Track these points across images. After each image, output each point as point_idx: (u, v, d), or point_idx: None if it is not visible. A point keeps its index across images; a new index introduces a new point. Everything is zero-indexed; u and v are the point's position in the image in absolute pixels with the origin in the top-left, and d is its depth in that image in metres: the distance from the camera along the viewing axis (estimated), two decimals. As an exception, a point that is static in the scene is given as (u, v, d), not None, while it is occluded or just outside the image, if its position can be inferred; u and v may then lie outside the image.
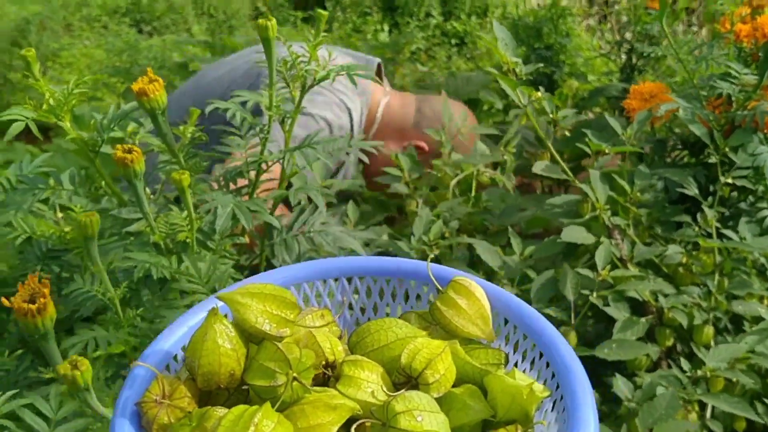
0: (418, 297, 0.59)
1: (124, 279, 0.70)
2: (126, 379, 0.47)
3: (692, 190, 1.10)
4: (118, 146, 0.66)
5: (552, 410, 0.48)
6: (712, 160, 1.10)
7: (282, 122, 0.84)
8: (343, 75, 0.83)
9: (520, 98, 1.00)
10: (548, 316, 1.00)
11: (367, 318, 0.60)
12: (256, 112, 0.87)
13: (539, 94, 0.99)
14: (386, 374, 0.49)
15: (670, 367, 1.04)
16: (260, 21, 0.72)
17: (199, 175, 0.85)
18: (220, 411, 0.44)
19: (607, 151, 1.04)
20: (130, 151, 0.66)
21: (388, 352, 0.50)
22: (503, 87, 1.03)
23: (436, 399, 0.47)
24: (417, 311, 0.57)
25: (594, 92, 2.91)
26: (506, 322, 0.55)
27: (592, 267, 0.97)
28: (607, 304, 1.02)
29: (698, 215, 1.14)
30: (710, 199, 1.12)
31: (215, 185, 0.82)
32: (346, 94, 1.47)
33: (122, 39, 4.24)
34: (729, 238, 1.10)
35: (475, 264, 1.13)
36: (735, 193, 1.24)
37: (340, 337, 0.54)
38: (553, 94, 2.93)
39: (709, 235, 1.11)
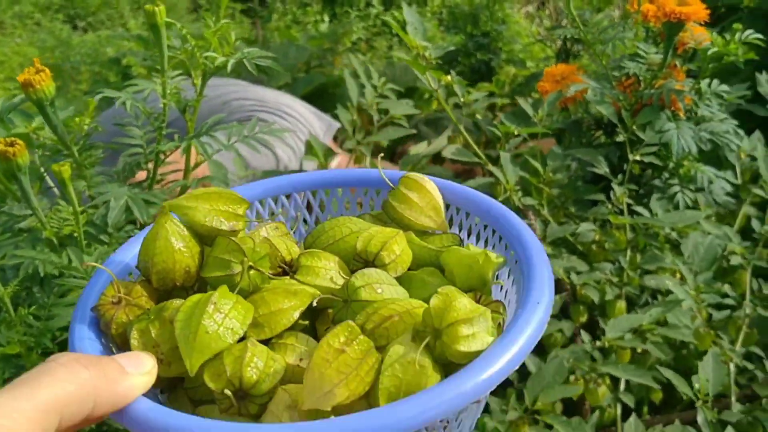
0: (372, 204, 0.60)
1: (15, 277, 0.68)
2: (83, 289, 0.47)
3: (602, 168, 1.12)
4: (0, 139, 0.65)
5: (508, 277, 0.49)
6: (620, 138, 1.13)
7: (184, 111, 0.83)
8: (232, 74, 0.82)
9: (430, 82, 1.00)
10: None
11: None
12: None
13: (449, 77, 0.99)
14: (344, 264, 0.49)
15: (584, 342, 1.06)
16: (147, 7, 0.71)
17: (98, 168, 0.83)
18: (178, 302, 0.43)
19: (516, 132, 1.05)
20: (12, 144, 0.64)
21: (344, 245, 0.51)
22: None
23: (395, 279, 0.47)
24: (371, 213, 0.57)
25: (530, 78, 2.95)
26: (458, 211, 0.55)
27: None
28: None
29: (611, 194, 1.16)
30: (620, 176, 1.15)
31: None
32: (302, 132, 1.51)
33: (54, 35, 4.15)
34: (640, 215, 1.13)
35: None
36: (649, 171, 1.27)
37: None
38: (491, 80, 2.96)
39: (621, 213, 1.13)
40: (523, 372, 1.07)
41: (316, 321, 0.48)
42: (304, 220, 0.61)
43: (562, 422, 0.70)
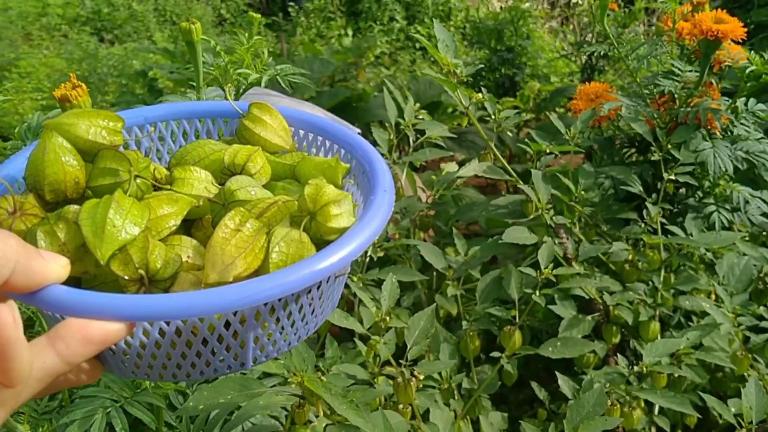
0: (221, 133, 0.63)
1: None
2: None
3: (636, 187, 1.11)
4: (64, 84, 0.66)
5: (354, 182, 0.55)
6: (655, 157, 1.11)
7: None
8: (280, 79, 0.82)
9: (461, 100, 0.99)
10: (493, 316, 1.00)
11: None
12: None
13: (480, 95, 0.98)
14: (212, 177, 0.53)
15: (617, 363, 1.04)
16: (182, 24, 0.71)
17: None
18: (75, 207, 0.46)
19: (548, 150, 1.04)
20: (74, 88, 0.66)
21: (209, 162, 0.55)
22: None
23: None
24: (224, 138, 0.61)
25: (555, 93, 2.94)
26: (303, 135, 0.61)
27: (536, 266, 0.97)
28: (554, 303, 1.02)
29: (645, 212, 1.14)
30: (654, 195, 1.13)
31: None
32: None
33: (82, 48, 4.20)
34: (675, 234, 1.11)
35: (426, 264, 1.12)
36: (683, 191, 1.25)
37: None
38: (515, 96, 2.94)
39: (655, 232, 1.11)
40: (554, 390, 1.05)
41: (192, 229, 0.51)
42: (158, 151, 0.63)
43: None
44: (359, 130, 1.67)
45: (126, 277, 0.43)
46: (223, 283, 0.42)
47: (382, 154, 1.15)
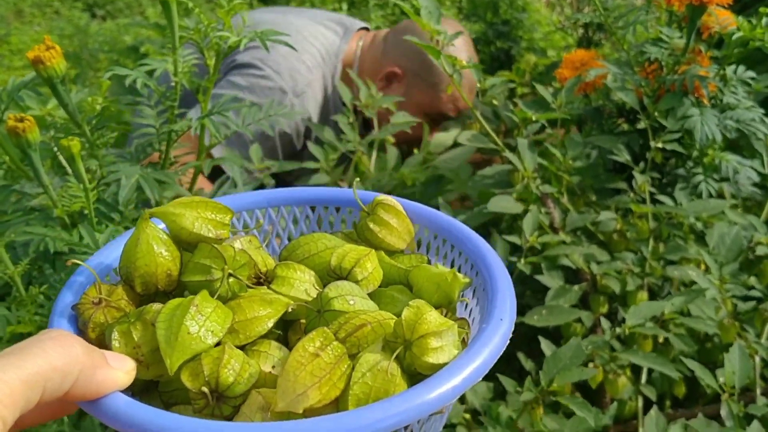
0: (344, 222, 0.62)
1: (25, 255, 0.67)
2: (64, 284, 0.48)
3: (623, 157, 1.10)
4: (10, 115, 0.64)
5: (473, 297, 0.51)
6: (642, 125, 1.10)
7: (197, 91, 0.82)
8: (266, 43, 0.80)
9: (445, 67, 0.98)
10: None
11: None
12: None
13: (464, 62, 0.97)
14: (318, 277, 0.51)
15: (604, 333, 1.04)
16: (158, -16, 0.69)
17: (111, 149, 0.82)
18: (158, 306, 0.44)
19: (533, 118, 1.03)
20: (21, 120, 0.63)
21: (318, 260, 0.52)
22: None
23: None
24: (343, 231, 0.59)
25: (551, 66, 2.91)
26: (425, 232, 0.58)
27: (522, 234, 0.96)
28: (541, 273, 1.01)
29: (633, 182, 1.13)
30: (642, 164, 1.12)
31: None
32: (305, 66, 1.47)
33: (73, 23, 4.16)
34: (663, 204, 1.10)
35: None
36: (672, 161, 1.24)
37: None
38: (511, 69, 2.92)
39: (644, 201, 1.11)
40: (538, 357, 1.04)
41: (289, 331, 0.49)
42: (277, 235, 0.62)
43: (578, 403, 0.68)
44: (361, 23, 1.62)
45: (194, 389, 0.41)
46: (292, 414, 0.39)
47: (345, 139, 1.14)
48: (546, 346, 0.86)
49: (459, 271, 0.52)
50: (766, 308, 1.01)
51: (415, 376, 0.41)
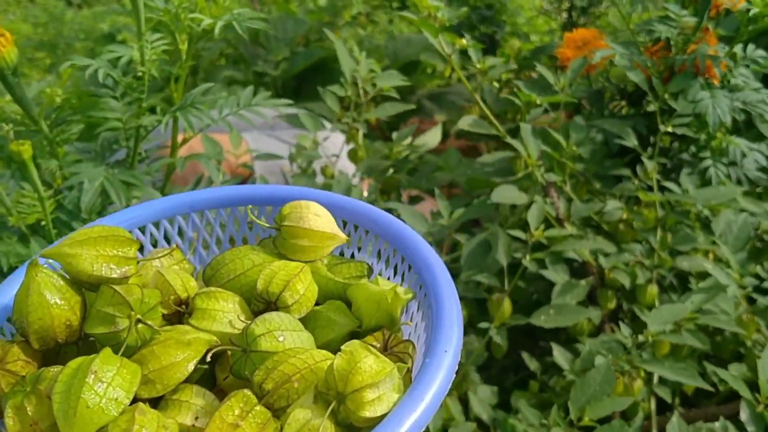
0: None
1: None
2: None
3: (631, 141, 1.03)
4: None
5: (418, 311, 0.47)
6: (652, 108, 1.03)
7: (168, 80, 0.74)
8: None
9: (443, 47, 0.91)
10: (480, 284, 0.92)
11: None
12: None
13: (464, 41, 0.90)
14: (244, 303, 0.46)
15: (613, 331, 0.97)
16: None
17: (76, 145, 0.74)
18: (55, 369, 0.39)
19: (538, 101, 0.96)
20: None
21: (246, 279, 0.47)
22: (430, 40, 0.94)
23: (299, 319, 0.45)
24: (274, 237, 0.53)
25: (535, 51, 2.85)
26: (367, 233, 0.53)
27: (526, 228, 0.89)
28: (545, 267, 0.94)
29: (638, 168, 1.07)
30: (650, 150, 1.06)
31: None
32: None
33: (48, 12, 4.06)
34: (671, 191, 1.04)
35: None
36: (676, 144, 1.17)
37: (194, 275, 0.50)
38: (495, 54, 2.85)
39: (650, 189, 1.04)
40: (539, 356, 0.98)
41: (216, 365, 0.44)
42: (204, 243, 0.57)
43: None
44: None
45: None
46: None
47: (334, 119, 1.06)
48: (559, 354, 0.79)
49: (403, 280, 0.49)
50: (784, 301, 0.95)
51: (352, 429, 0.38)
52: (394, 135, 1.03)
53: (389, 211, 1.01)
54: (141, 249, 0.52)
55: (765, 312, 0.97)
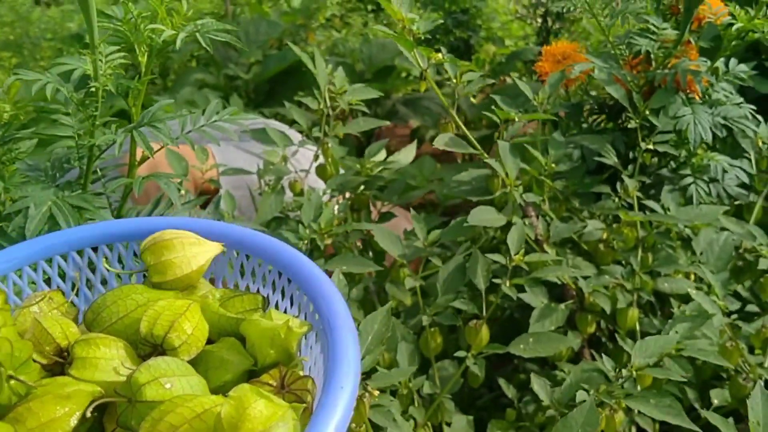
0: None
1: None
2: None
3: (611, 158, 1.00)
4: None
5: (317, 342, 0.45)
6: (632, 124, 1.00)
7: (126, 96, 0.69)
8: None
9: (418, 61, 0.87)
10: (458, 311, 0.88)
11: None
12: None
13: (439, 55, 0.86)
14: (130, 348, 0.44)
15: (593, 357, 0.94)
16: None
17: (27, 162, 0.69)
18: None
19: (516, 118, 0.92)
20: None
21: (129, 321, 0.45)
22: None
23: (189, 361, 0.43)
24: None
25: (510, 56, 2.84)
26: (260, 263, 0.51)
27: (505, 251, 0.85)
28: (524, 291, 0.91)
29: (618, 185, 1.04)
30: (630, 167, 1.03)
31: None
32: None
33: (15, 10, 3.97)
34: (651, 210, 1.01)
35: (375, 249, 1.00)
36: (655, 160, 1.15)
37: (75, 319, 0.48)
38: (470, 59, 2.83)
39: (631, 207, 1.01)
40: (510, 377, 0.94)
41: (104, 416, 0.42)
42: (88, 282, 0.54)
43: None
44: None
45: None
46: None
47: (304, 133, 1.02)
48: (538, 386, 0.75)
49: (300, 311, 0.47)
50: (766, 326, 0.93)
51: None
52: (366, 151, 0.99)
53: (361, 231, 0.97)
54: (20, 294, 0.49)
55: (749, 338, 0.94)
